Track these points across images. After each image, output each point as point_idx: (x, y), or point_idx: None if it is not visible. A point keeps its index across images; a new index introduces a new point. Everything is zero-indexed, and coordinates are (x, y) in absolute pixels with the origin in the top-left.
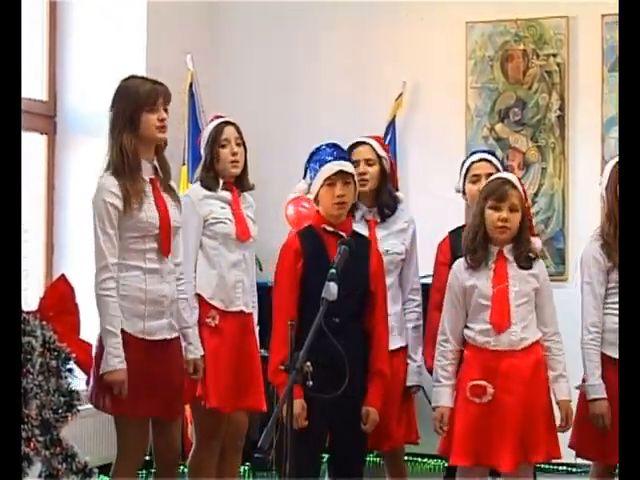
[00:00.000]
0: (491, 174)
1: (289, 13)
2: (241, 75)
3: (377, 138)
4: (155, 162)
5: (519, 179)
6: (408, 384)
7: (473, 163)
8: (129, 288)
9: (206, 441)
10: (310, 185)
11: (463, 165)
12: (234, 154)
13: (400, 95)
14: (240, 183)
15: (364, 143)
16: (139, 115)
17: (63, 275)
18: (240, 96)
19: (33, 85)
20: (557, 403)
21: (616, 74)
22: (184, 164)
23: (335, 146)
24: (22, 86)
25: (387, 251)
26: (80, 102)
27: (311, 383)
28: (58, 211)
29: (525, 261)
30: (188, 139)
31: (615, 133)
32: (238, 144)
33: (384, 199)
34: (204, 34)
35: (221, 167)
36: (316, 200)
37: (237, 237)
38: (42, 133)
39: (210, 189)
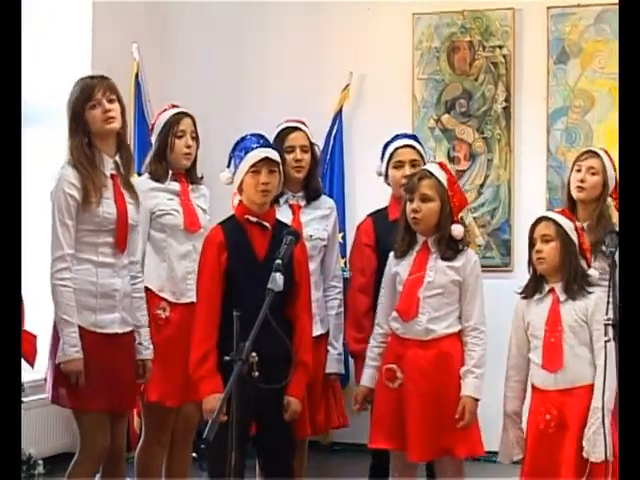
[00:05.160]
0: (415, 160)
1: (237, 1)
2: (188, 65)
3: (304, 122)
4: (117, 157)
5: (443, 166)
6: (327, 371)
7: (397, 149)
8: (80, 281)
9: (154, 434)
10: (234, 174)
11: (386, 149)
12: (188, 147)
13: (347, 86)
14: (189, 175)
15: (299, 129)
16: (83, 114)
17: None
18: (187, 86)
19: None
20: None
21: (562, 66)
22: None
23: (260, 136)
24: None
25: (311, 236)
26: (25, 92)
27: (257, 374)
28: None
29: (448, 252)
30: (134, 129)
31: (561, 124)
32: (193, 137)
33: (313, 184)
34: (150, 23)
35: (174, 158)
36: (240, 188)
37: (185, 228)
38: None
39: (158, 180)
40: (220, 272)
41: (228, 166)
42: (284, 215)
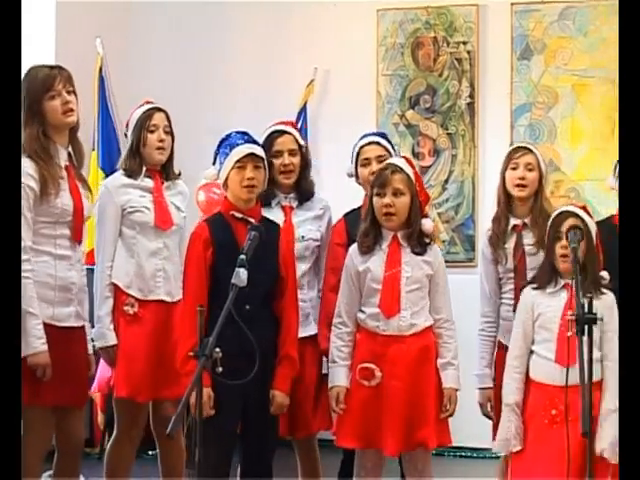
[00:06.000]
0: (381, 156)
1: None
2: (152, 60)
3: (293, 124)
4: (69, 148)
5: (409, 161)
6: (325, 372)
7: (362, 147)
8: (38, 273)
9: (124, 430)
10: (220, 171)
11: (354, 149)
12: (161, 141)
13: (311, 81)
14: (165, 171)
15: (287, 133)
16: (41, 104)
17: None
18: (151, 81)
19: None
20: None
21: (526, 62)
22: (93, 149)
23: (245, 133)
24: None
25: (303, 237)
26: None
27: (220, 369)
28: None
29: (419, 246)
30: (97, 124)
31: (524, 120)
32: (166, 132)
33: (304, 186)
34: (114, 17)
35: (147, 152)
36: (225, 185)
37: (156, 225)
38: None
39: (131, 177)
40: (206, 268)
41: (214, 163)
42: (276, 217)
